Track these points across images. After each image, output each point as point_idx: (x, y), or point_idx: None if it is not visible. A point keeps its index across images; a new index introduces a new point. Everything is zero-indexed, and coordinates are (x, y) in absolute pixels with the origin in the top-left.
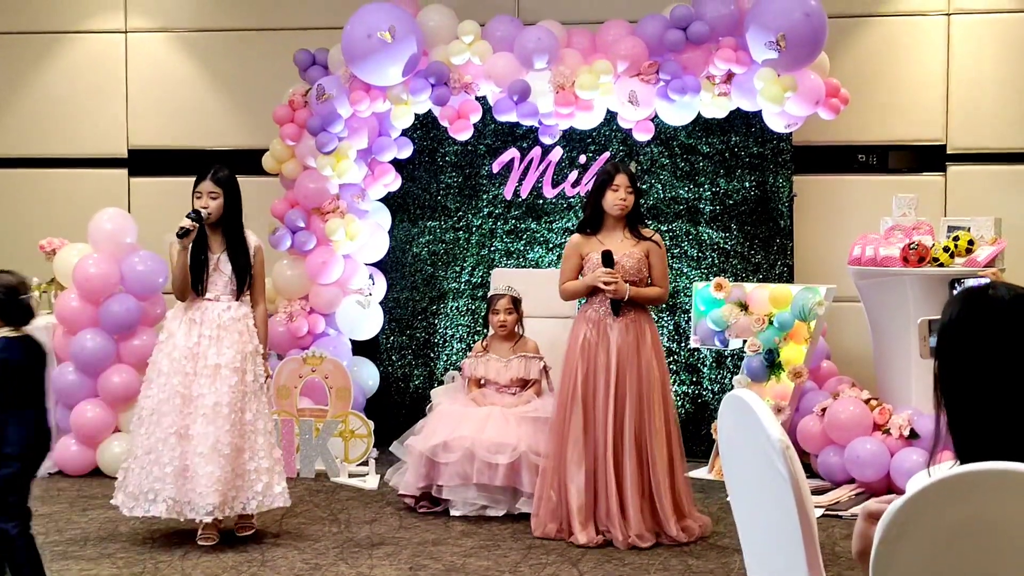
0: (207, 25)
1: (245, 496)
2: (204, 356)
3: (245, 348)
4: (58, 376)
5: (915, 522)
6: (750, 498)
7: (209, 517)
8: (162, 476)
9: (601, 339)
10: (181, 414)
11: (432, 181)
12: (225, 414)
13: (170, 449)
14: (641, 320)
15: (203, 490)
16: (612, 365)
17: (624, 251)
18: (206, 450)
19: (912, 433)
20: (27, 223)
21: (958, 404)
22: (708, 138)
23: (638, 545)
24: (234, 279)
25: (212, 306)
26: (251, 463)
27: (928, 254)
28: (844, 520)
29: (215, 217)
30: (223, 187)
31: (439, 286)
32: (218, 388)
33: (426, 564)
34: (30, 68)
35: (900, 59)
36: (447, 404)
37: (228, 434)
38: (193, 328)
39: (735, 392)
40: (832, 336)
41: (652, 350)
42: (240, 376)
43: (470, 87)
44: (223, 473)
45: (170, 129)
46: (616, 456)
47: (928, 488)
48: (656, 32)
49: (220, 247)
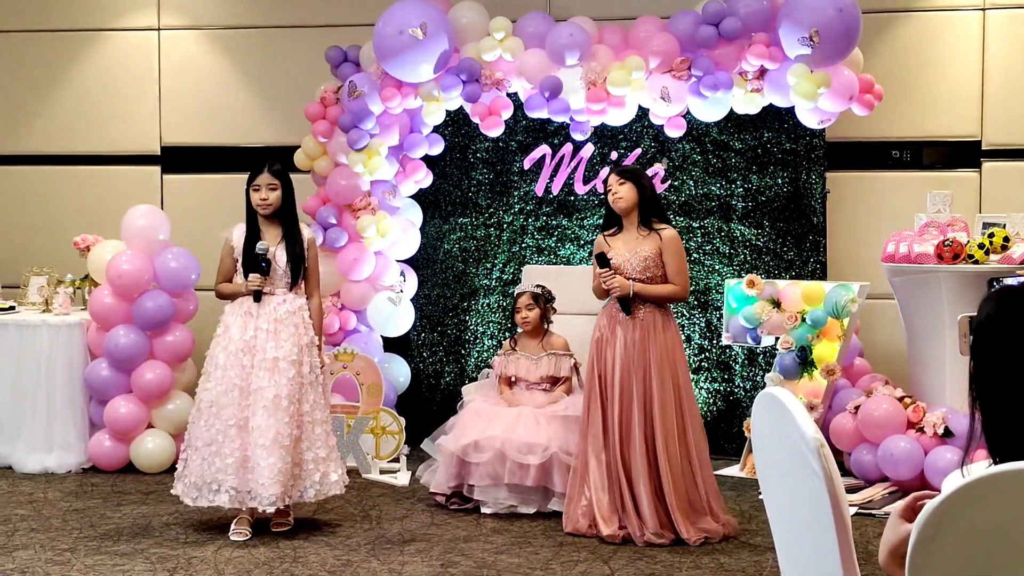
0: (239, 22)
1: (303, 485)
2: (262, 349)
3: (301, 340)
4: (92, 372)
5: (951, 523)
6: (784, 497)
7: (272, 508)
8: (224, 467)
9: (612, 337)
10: (240, 406)
11: (463, 178)
12: (284, 406)
13: (230, 440)
14: (654, 317)
15: (265, 481)
16: (618, 363)
17: (634, 248)
18: (267, 442)
19: (946, 431)
20: (61, 220)
21: (993, 403)
22: (740, 134)
23: (654, 542)
24: (288, 272)
25: (267, 299)
26: (308, 452)
27: (963, 251)
28: (877, 519)
29: (274, 209)
30: (280, 179)
31: (470, 283)
32: (277, 381)
33: (457, 561)
34: (64, 66)
35: (935, 54)
36: (478, 402)
37: (288, 426)
38: (249, 321)
39: (769, 390)
40: (865, 333)
41: (665, 348)
42: (297, 368)
43: (501, 83)
44: (284, 464)
45: (202, 126)
46: (624, 454)
47: (963, 488)
48: (688, 28)
49: (276, 239)
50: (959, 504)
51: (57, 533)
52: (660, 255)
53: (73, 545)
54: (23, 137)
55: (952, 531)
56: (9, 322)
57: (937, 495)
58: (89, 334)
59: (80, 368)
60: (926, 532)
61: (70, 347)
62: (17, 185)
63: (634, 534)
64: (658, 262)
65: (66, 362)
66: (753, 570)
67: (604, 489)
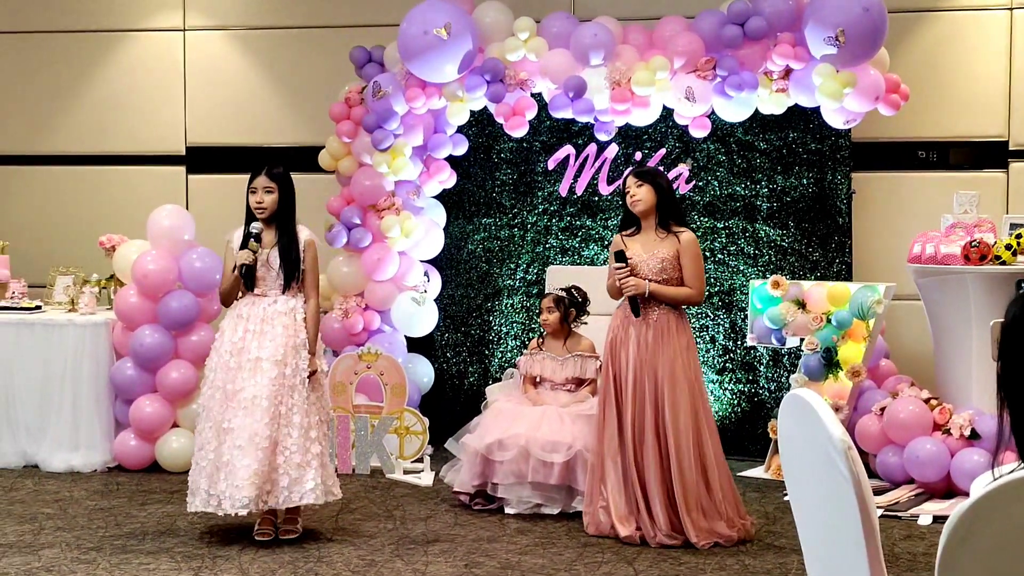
0: (264, 23)
1: (277, 490)
2: (247, 350)
3: (288, 342)
4: (117, 371)
5: (980, 526)
6: (810, 498)
7: (244, 511)
8: (199, 470)
9: (625, 338)
10: (222, 408)
11: (487, 178)
12: (264, 407)
13: (208, 443)
14: (667, 319)
15: (240, 483)
16: (630, 364)
17: (651, 250)
18: (243, 443)
19: (973, 433)
20: (87, 220)
21: (1021, 404)
22: (765, 134)
23: (666, 543)
24: (281, 274)
25: (259, 301)
26: (279, 457)
27: (990, 252)
28: (903, 521)
29: (270, 212)
30: (277, 182)
31: (494, 283)
32: (258, 381)
33: (481, 561)
34: (90, 67)
35: (961, 54)
36: (502, 401)
37: (267, 427)
38: (239, 324)
39: (795, 391)
40: (891, 335)
41: (678, 350)
42: (280, 369)
43: (526, 84)
44: (260, 466)
45: (227, 126)
46: (637, 455)
47: (993, 491)
48: (713, 28)
49: (271, 242)
50: (989, 507)
51: (83, 532)
52: (677, 257)
53: (98, 544)
54: (49, 137)
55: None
56: (35, 322)
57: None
58: (114, 334)
59: (106, 367)
60: (956, 534)
61: (96, 346)
62: (43, 185)
63: (647, 535)
64: (675, 264)
65: (92, 361)
66: (778, 572)
67: (620, 491)
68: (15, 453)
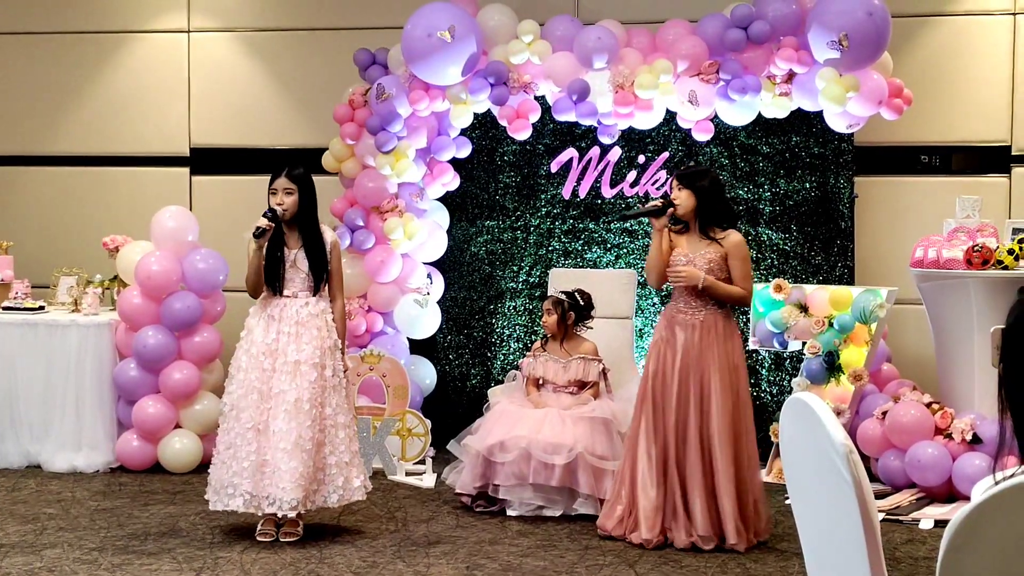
0: (268, 25)
1: (326, 490)
2: (283, 352)
3: (324, 344)
4: (120, 372)
5: (982, 530)
6: (812, 502)
7: (293, 512)
8: (240, 471)
9: (672, 338)
10: (259, 410)
11: (490, 180)
12: (306, 410)
13: (247, 444)
14: (715, 321)
15: (286, 485)
16: (677, 364)
17: (697, 250)
18: (289, 446)
19: (975, 438)
20: (91, 220)
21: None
22: (768, 138)
23: (700, 547)
24: (311, 276)
25: (290, 303)
26: (331, 457)
27: (992, 256)
28: (904, 525)
29: (291, 214)
30: (298, 183)
31: (497, 285)
32: (299, 384)
33: (483, 564)
34: (95, 68)
35: (965, 59)
36: (504, 403)
37: (310, 429)
38: (272, 325)
39: (797, 395)
40: (893, 339)
41: (725, 350)
42: (319, 372)
43: (529, 87)
44: (306, 468)
45: (231, 128)
46: (679, 456)
47: (995, 496)
48: (716, 31)
49: (296, 244)
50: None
51: (85, 532)
52: (724, 259)
53: (101, 544)
54: (54, 138)
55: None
56: (39, 322)
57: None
58: (118, 334)
59: (109, 368)
60: (957, 539)
61: (99, 347)
62: (47, 186)
63: (678, 538)
64: (723, 266)
65: (95, 362)
66: (780, 575)
67: (654, 488)
68: (18, 453)
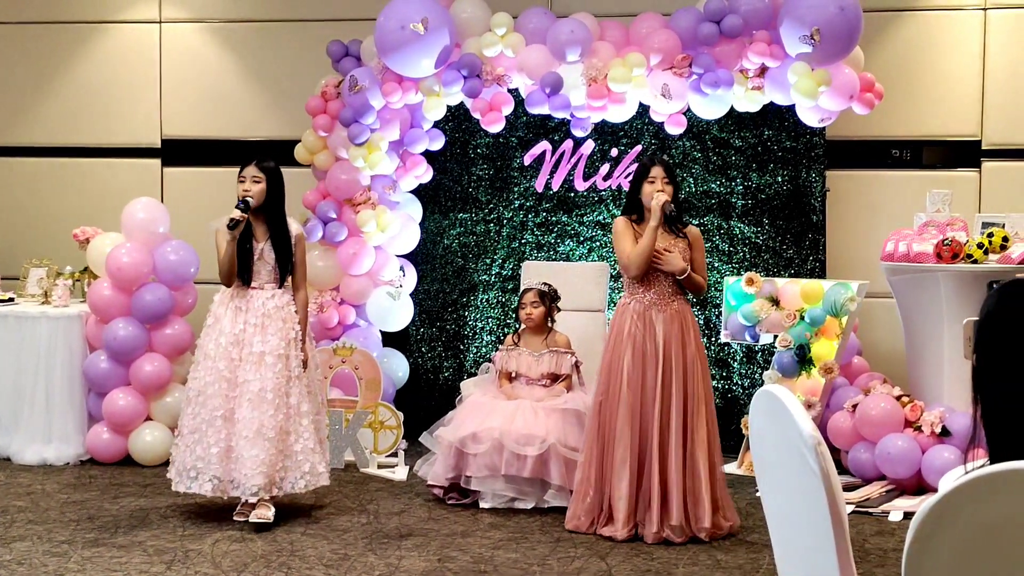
0: (240, 16)
1: (293, 476)
2: (249, 343)
3: (288, 335)
4: (90, 364)
5: (948, 520)
6: (781, 494)
7: (255, 498)
8: (206, 456)
9: (648, 331)
10: (226, 398)
11: (463, 173)
12: (270, 399)
13: (216, 431)
14: (685, 311)
15: (248, 471)
16: (660, 356)
17: (668, 242)
18: (251, 434)
19: (944, 430)
20: (61, 212)
21: (993, 399)
22: (741, 132)
23: (671, 539)
24: (277, 268)
25: (257, 294)
26: (297, 444)
27: (962, 250)
28: (874, 517)
29: (257, 201)
30: (267, 174)
31: (470, 278)
32: (263, 375)
33: (454, 556)
34: (65, 58)
35: (935, 54)
36: (477, 395)
37: (272, 418)
38: (239, 315)
39: (767, 388)
40: (864, 332)
41: (695, 342)
42: (284, 363)
43: (502, 79)
44: (267, 456)
45: (203, 119)
46: (662, 448)
47: (961, 487)
48: (689, 25)
49: (264, 236)
50: (956, 502)
51: (55, 525)
52: (689, 250)
53: (71, 537)
54: (23, 129)
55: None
56: (8, 314)
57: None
58: (88, 326)
59: (79, 360)
60: (923, 530)
61: (69, 339)
62: (17, 177)
63: (649, 530)
64: (688, 257)
65: (65, 354)
66: (750, 567)
67: (627, 481)
68: None
